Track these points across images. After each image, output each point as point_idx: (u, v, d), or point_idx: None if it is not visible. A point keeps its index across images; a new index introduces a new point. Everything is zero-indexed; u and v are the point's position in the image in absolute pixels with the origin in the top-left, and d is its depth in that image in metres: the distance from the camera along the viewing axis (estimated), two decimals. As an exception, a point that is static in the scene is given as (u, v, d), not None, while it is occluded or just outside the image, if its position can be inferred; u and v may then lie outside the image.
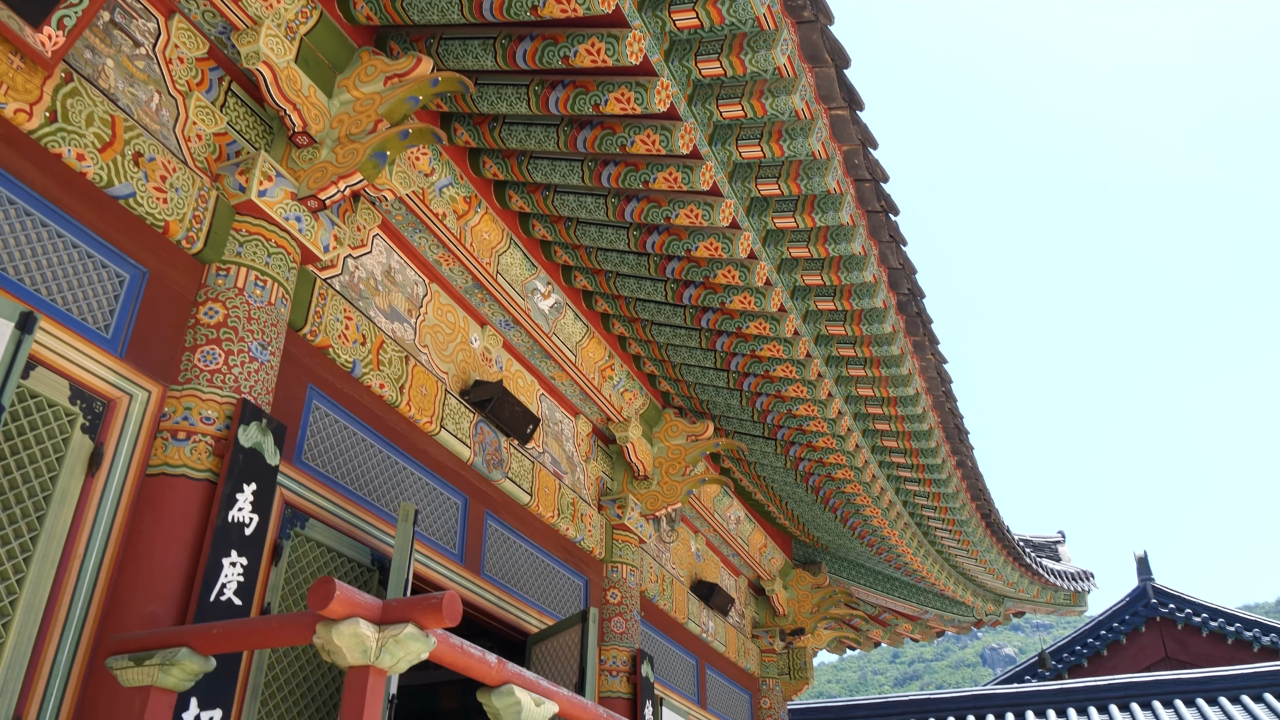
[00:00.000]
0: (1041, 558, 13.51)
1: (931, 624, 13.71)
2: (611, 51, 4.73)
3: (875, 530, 10.13)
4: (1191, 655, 22.51)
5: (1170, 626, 23.53)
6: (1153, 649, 23.44)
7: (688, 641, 9.55)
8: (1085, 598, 13.94)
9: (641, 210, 5.89)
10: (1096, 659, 23.52)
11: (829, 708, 20.72)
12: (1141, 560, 24.19)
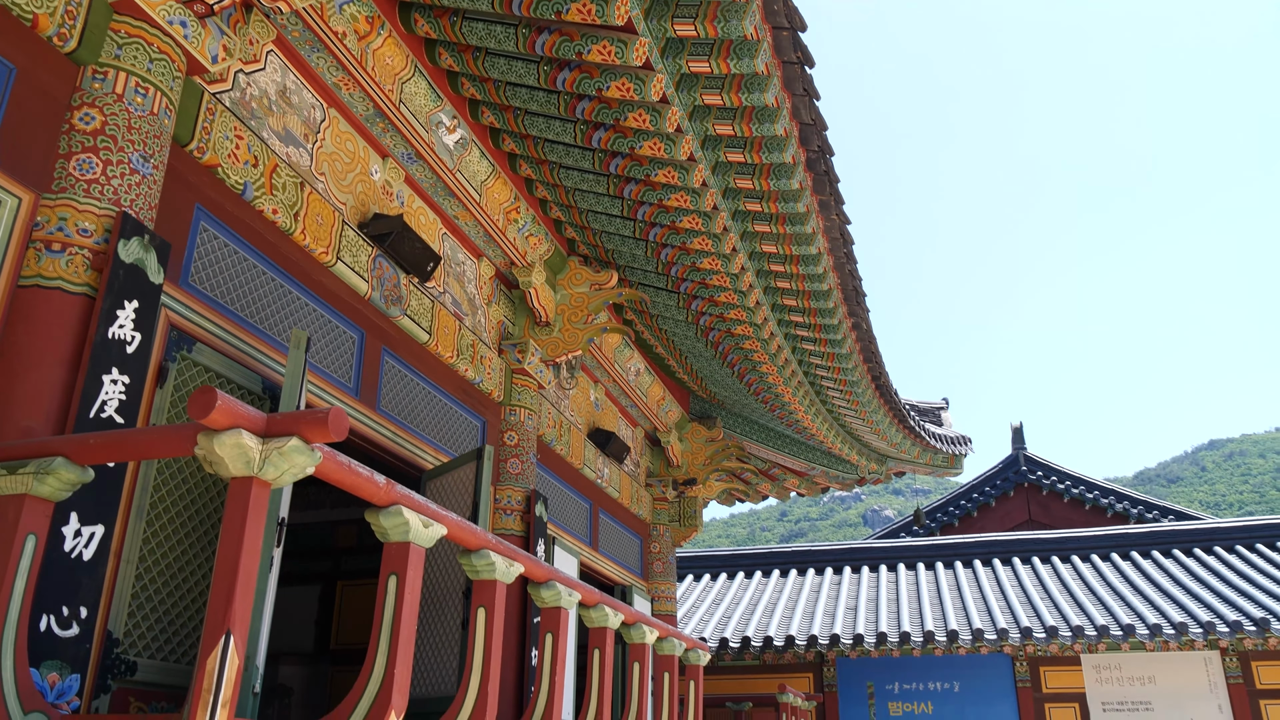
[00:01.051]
0: (925, 422, 14.12)
1: (818, 480, 14.32)
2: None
3: (770, 387, 10.41)
4: (1052, 518, 24.16)
5: (1036, 492, 25.13)
6: (1019, 512, 25.07)
7: (583, 486, 9.80)
8: (962, 461, 14.68)
9: (553, 44, 5.68)
10: (967, 519, 25.06)
11: (716, 556, 21.72)
12: (1017, 430, 25.57)
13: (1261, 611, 15.11)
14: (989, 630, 15.36)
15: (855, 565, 20.34)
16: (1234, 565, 17.98)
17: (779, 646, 15.86)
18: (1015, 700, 16.24)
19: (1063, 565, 18.81)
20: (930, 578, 19.02)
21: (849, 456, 13.07)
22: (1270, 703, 15.58)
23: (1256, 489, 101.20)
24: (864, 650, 15.58)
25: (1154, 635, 14.69)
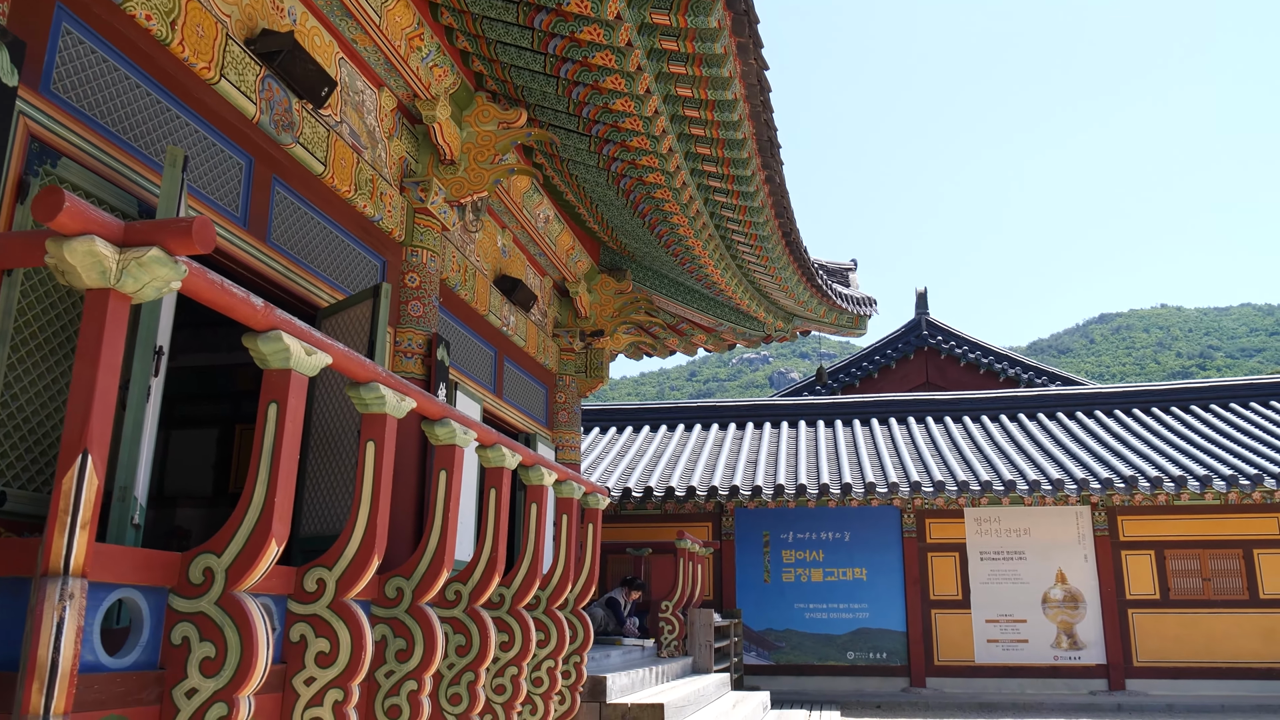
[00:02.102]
0: (833, 282, 14.26)
1: (725, 336, 14.44)
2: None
3: (681, 240, 10.31)
4: (949, 381, 25.04)
5: (935, 356, 25.93)
6: (917, 374, 25.90)
7: (488, 333, 9.67)
8: (866, 322, 14.95)
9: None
10: (868, 380, 25.80)
11: (624, 409, 22.00)
12: (921, 295, 26.15)
13: (1131, 470, 16.06)
14: (880, 484, 16.03)
15: (758, 421, 20.88)
16: (1110, 428, 18.99)
17: (680, 496, 16.31)
18: (901, 549, 17.14)
19: (954, 425, 19.62)
20: (829, 435, 19.65)
21: (757, 314, 13.16)
22: (1130, 553, 16.77)
23: (1138, 361, 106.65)
24: (761, 501, 16.14)
25: (1033, 490, 15.52)
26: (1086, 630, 16.48)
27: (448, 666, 4.99)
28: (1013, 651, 16.55)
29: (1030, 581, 16.77)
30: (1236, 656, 16.06)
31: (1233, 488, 15.28)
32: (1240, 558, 16.41)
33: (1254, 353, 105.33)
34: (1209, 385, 20.61)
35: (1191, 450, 17.09)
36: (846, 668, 16.84)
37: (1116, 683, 16.11)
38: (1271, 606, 16.16)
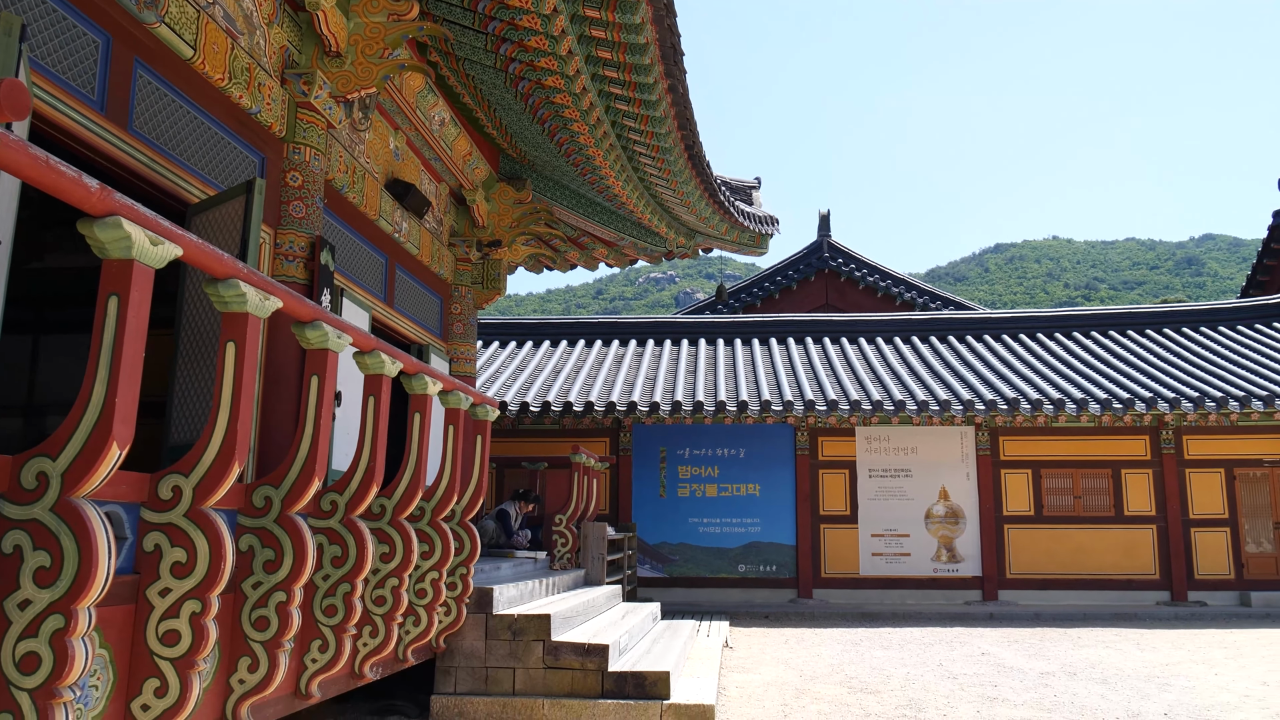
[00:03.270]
0: (736, 200, 14.18)
1: (626, 251, 14.28)
2: None
3: (582, 149, 10.04)
4: (847, 304, 25.44)
5: (835, 278, 26.28)
6: (817, 296, 26.24)
7: (378, 239, 9.31)
8: (768, 241, 14.95)
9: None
10: (770, 300, 26.03)
11: (525, 323, 21.76)
12: (824, 217, 26.34)
13: (1014, 392, 16.64)
14: (776, 402, 16.26)
15: (659, 339, 20.91)
16: (998, 352, 19.60)
17: (578, 412, 16.28)
18: (794, 466, 17.51)
19: (850, 346, 19.99)
20: (729, 353, 19.81)
21: (658, 229, 13.02)
22: (1009, 472, 17.49)
23: (1029, 290, 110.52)
24: (659, 418, 16.23)
25: (921, 411, 15.97)
26: (965, 545, 17.22)
27: (323, 578, 4.85)
28: (895, 564, 17.21)
29: (915, 498, 17.38)
30: (1100, 569, 17.03)
31: (1106, 411, 15.99)
32: (1109, 477, 17.29)
33: (1135, 285, 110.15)
34: (1091, 313, 21.42)
35: (1071, 375, 17.78)
36: (738, 580, 17.28)
37: (990, 594, 16.94)
38: (1134, 523, 17.13)
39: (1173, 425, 17.07)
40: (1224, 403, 15.95)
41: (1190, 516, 17.13)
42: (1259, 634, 13.21)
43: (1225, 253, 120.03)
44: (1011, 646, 11.91)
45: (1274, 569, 16.97)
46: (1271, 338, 19.96)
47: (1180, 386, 16.81)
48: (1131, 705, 8.07)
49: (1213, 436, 17.24)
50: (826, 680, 9.34)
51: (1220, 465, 17.24)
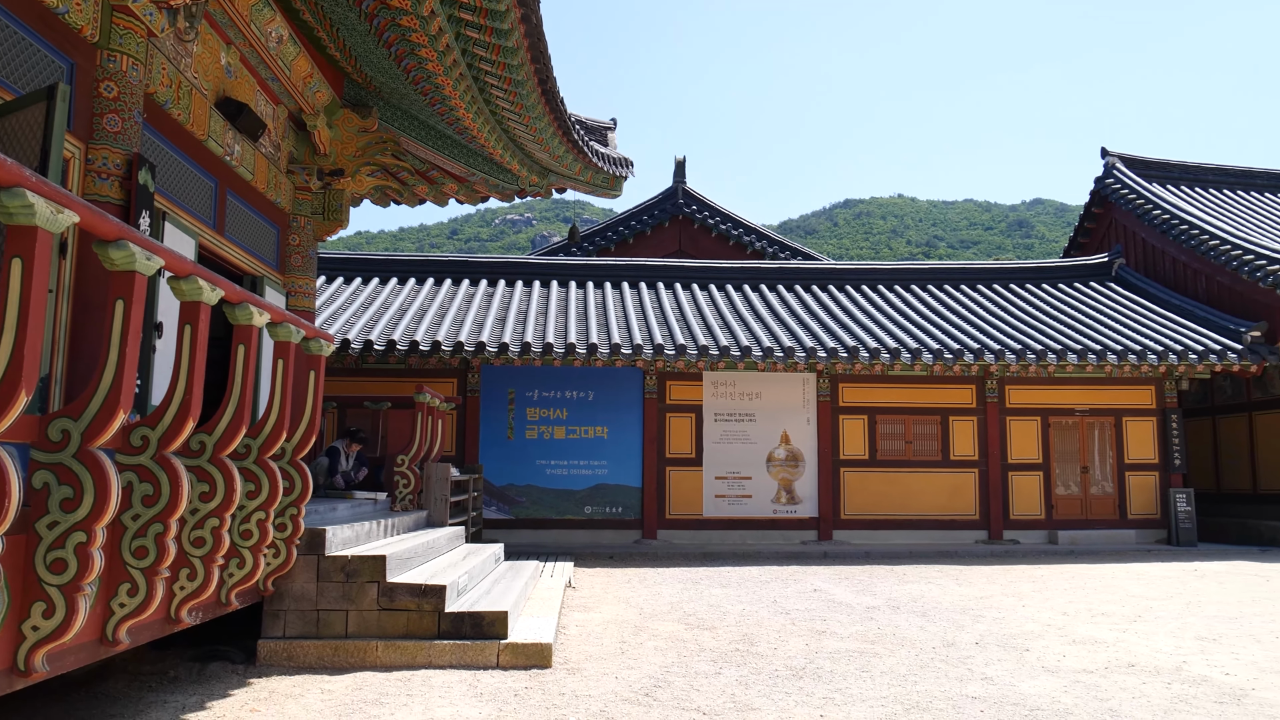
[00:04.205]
0: (591, 140, 14.00)
1: (477, 188, 13.92)
2: None
3: (430, 77, 9.64)
4: (700, 251, 25.69)
5: (689, 225, 26.47)
6: (671, 242, 26.39)
7: (207, 161, 8.72)
8: (622, 184, 14.86)
9: None
10: (624, 245, 26.02)
11: (372, 259, 21.06)
12: (680, 164, 26.41)
13: (854, 341, 17.24)
14: (626, 346, 16.32)
15: (510, 279, 20.62)
16: (840, 302, 20.24)
17: (424, 351, 15.91)
18: (642, 409, 17.67)
19: (701, 292, 20.23)
20: (580, 296, 19.72)
21: (510, 165, 12.73)
22: (846, 417, 18.17)
23: (874, 245, 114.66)
24: (508, 358, 16.05)
25: (766, 357, 16.34)
26: (804, 487, 17.85)
27: (132, 518, 4.55)
28: (738, 506, 17.70)
29: (758, 442, 17.86)
30: (927, 510, 17.99)
31: (937, 361, 16.79)
32: (938, 424, 18.22)
33: (971, 244, 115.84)
34: (928, 268, 22.36)
35: (908, 326, 18.55)
36: (584, 521, 17.41)
37: (825, 533, 17.66)
38: (959, 467, 18.14)
39: (997, 376, 18.08)
40: (1042, 355, 16.99)
41: (1009, 461, 18.27)
42: (1063, 569, 14.26)
43: (1052, 216, 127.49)
44: (842, 583, 12.45)
45: (1079, 510, 18.33)
46: (1088, 296, 21.33)
47: (1005, 340, 17.79)
48: (947, 635, 8.56)
49: (1031, 387, 18.37)
50: (665, 618, 9.53)
51: (1037, 414, 18.41)
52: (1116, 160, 23.98)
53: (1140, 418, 18.57)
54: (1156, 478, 18.46)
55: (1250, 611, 10.09)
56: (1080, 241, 25.57)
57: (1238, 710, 5.98)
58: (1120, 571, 13.95)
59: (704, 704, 6.03)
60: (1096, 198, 24.50)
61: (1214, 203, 23.74)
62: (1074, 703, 6.12)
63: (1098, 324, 19.16)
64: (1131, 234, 23.05)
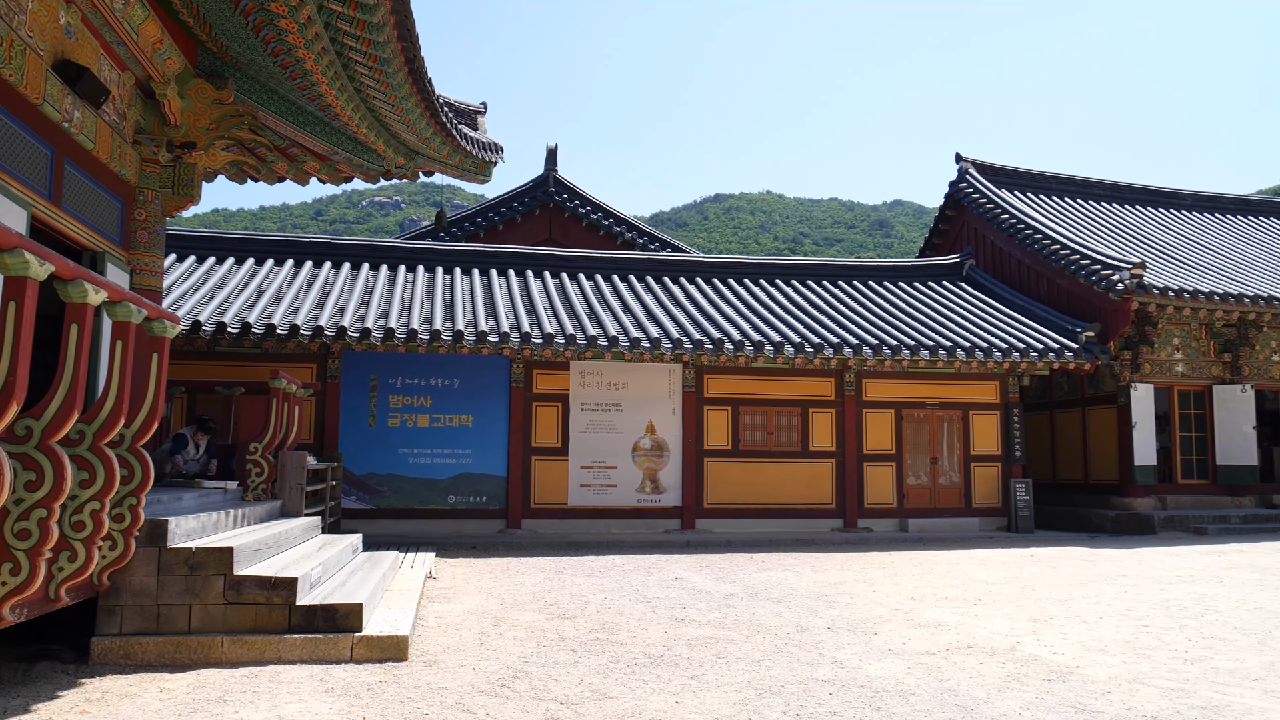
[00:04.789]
0: (460, 123, 13.75)
1: (341, 167, 13.47)
2: None
3: (290, 49, 9.26)
4: (571, 240, 25.64)
5: (560, 214, 26.38)
6: (541, 230, 26.24)
7: (42, 127, 8.15)
8: (492, 169, 14.65)
9: None
10: (493, 231, 25.73)
11: (228, 237, 20.17)
12: (551, 151, 26.27)
13: (720, 333, 17.53)
14: (493, 333, 16.15)
15: (375, 263, 20.10)
16: (708, 294, 20.54)
17: (281, 335, 15.35)
18: (508, 398, 17.54)
19: (570, 281, 20.19)
20: (447, 281, 19.40)
21: (375, 145, 12.38)
22: (711, 408, 18.48)
23: (743, 240, 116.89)
24: (370, 344, 15.65)
25: (633, 347, 16.45)
26: (668, 476, 18.06)
27: (-55, 508, 4.22)
28: (603, 495, 17.77)
29: (624, 432, 17.97)
30: (787, 499, 18.48)
31: (799, 354, 17.25)
32: (799, 415, 18.73)
33: (835, 241, 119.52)
34: (792, 263, 22.93)
35: (772, 320, 18.98)
36: (447, 511, 17.16)
37: (689, 522, 17.93)
38: (817, 457, 18.70)
39: (855, 370, 18.71)
40: (898, 351, 17.66)
41: (864, 452, 18.94)
42: (912, 555, 14.89)
43: (911, 217, 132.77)
44: (703, 571, 12.66)
45: (928, 499, 19.17)
46: (941, 294, 22.29)
47: (864, 335, 18.41)
48: (801, 621, 8.82)
49: (887, 381, 19.08)
50: (527, 608, 9.48)
51: (891, 407, 19.15)
52: (969, 166, 25.11)
53: (985, 412, 19.54)
54: (999, 468, 19.47)
55: (1078, 594, 10.76)
56: (935, 242, 26.68)
57: (1063, 686, 6.37)
58: (964, 557, 14.66)
59: (561, 694, 6.02)
60: (951, 201, 25.60)
61: (1057, 210, 25.15)
62: (917, 683, 6.40)
63: (949, 322, 20.05)
64: (982, 236, 24.20)
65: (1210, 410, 20.75)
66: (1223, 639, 8.08)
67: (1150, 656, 7.36)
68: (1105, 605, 9.93)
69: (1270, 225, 27.50)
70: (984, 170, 25.31)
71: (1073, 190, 26.52)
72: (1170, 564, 13.67)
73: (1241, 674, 6.75)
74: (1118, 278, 18.83)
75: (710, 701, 5.87)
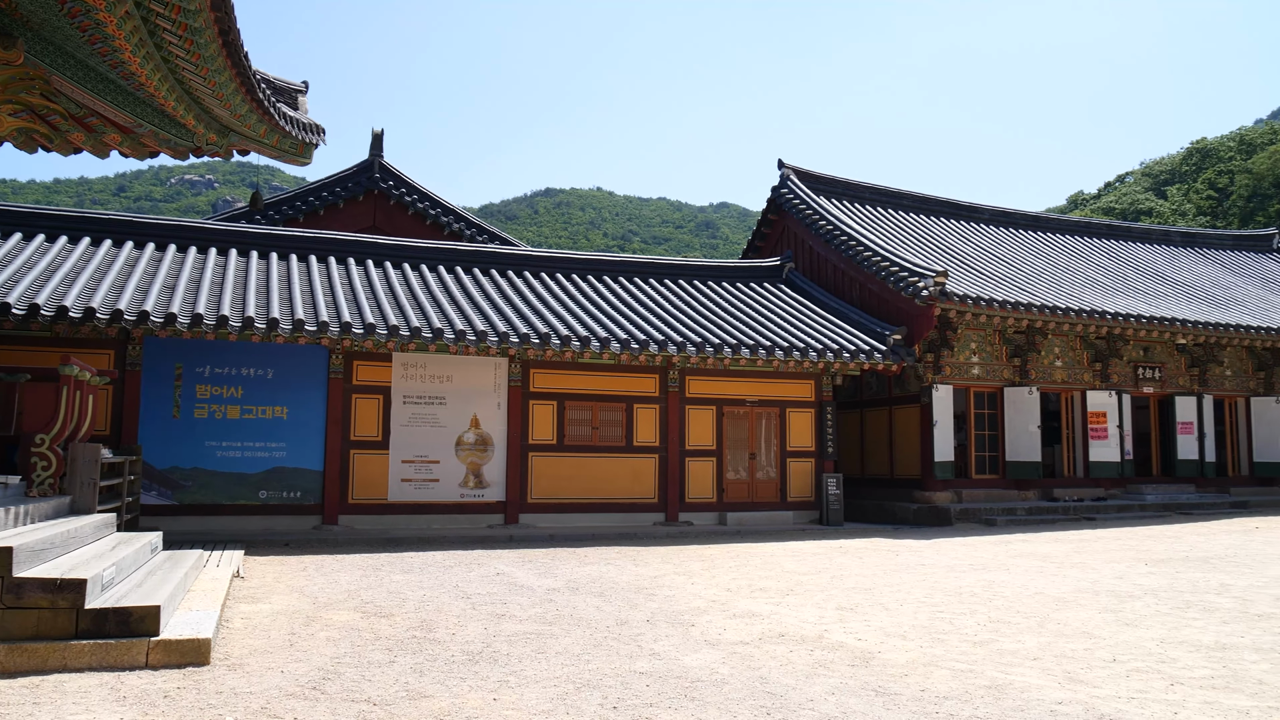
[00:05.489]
0: (280, 101, 13.15)
1: (146, 141, 12.60)
2: None
3: (90, 12, 8.60)
4: (396, 228, 25.00)
5: (385, 201, 25.67)
6: (365, 217, 25.45)
7: None
8: (312, 151, 14.05)
9: None
10: (314, 216, 24.76)
11: (17, 211, 18.59)
12: (377, 136, 25.53)
13: (546, 328, 17.52)
14: (310, 322, 15.55)
15: (184, 244, 18.95)
16: (535, 288, 20.48)
17: (75, 318, 14.26)
18: (326, 389, 16.94)
19: (394, 271, 19.67)
20: (263, 266, 18.53)
21: (186, 120, 11.65)
22: (537, 403, 18.48)
23: (572, 235, 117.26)
24: (176, 330, 14.75)
25: (459, 340, 16.21)
26: (492, 471, 17.91)
27: None
28: (424, 490, 17.43)
29: (448, 425, 17.68)
30: (611, 494, 18.68)
31: (625, 350, 17.46)
32: (624, 411, 18.96)
33: (663, 240, 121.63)
34: (621, 260, 23.16)
35: (599, 315, 19.12)
36: (259, 507, 16.41)
37: (512, 517, 17.83)
38: (641, 452, 18.99)
39: (679, 367, 19.10)
40: (720, 349, 18.16)
41: (686, 448, 19.37)
42: (730, 548, 15.34)
43: (736, 220, 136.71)
44: (526, 566, 12.62)
45: (746, 493, 19.81)
46: (762, 295, 23.06)
47: (688, 333, 18.82)
48: (621, 614, 8.93)
49: (709, 378, 19.59)
50: (341, 606, 9.19)
51: (713, 403, 19.67)
52: (791, 173, 26.08)
53: (801, 409, 20.36)
54: (813, 464, 20.34)
55: (882, 583, 11.38)
56: (758, 245, 27.57)
57: (865, 671, 6.72)
58: (779, 550, 15.23)
59: (375, 694, 5.87)
60: (773, 205, 26.52)
61: (870, 218, 26.47)
62: (730, 673, 6.60)
63: (769, 322, 20.76)
64: (801, 241, 25.19)
65: (1001, 410, 22.37)
66: (1007, 622, 8.73)
67: (944, 640, 7.86)
68: (905, 593, 10.54)
69: (1056, 240, 29.91)
70: (804, 177, 26.34)
71: (885, 201, 27.97)
72: (964, 554, 14.65)
73: (1022, 654, 7.32)
74: (923, 285, 20.00)
75: (529, 697, 5.86)
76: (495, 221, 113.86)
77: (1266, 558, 13.72)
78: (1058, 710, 5.68)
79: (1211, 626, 8.46)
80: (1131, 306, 23.37)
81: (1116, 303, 23.53)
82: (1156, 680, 6.46)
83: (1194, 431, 24.57)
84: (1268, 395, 25.84)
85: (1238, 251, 33.83)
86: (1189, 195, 75.08)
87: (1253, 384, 26.00)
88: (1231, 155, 78.36)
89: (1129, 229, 33.12)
